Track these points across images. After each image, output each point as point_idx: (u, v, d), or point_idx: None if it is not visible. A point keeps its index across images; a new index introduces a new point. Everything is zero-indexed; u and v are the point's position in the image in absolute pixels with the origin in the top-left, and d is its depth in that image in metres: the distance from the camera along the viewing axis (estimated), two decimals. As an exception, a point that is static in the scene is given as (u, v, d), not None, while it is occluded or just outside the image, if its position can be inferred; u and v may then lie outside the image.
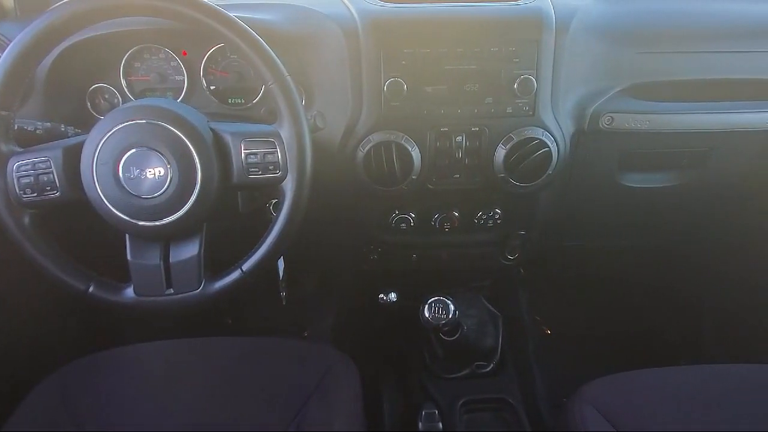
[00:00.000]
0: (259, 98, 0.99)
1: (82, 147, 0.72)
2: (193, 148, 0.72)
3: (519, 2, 0.94)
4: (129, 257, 0.76)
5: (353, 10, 0.92)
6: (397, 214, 1.06)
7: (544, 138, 0.93)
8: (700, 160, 1.08)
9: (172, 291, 0.77)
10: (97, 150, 0.71)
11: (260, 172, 0.75)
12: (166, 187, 0.71)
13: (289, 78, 0.75)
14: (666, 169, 1.12)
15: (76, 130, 0.88)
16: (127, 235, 0.76)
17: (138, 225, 0.73)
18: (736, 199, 1.20)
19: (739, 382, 0.94)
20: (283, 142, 0.75)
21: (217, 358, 0.99)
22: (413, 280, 1.24)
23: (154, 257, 0.76)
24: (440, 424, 1.04)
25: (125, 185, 0.71)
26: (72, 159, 0.73)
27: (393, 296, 1.16)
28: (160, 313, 0.79)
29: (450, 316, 1.01)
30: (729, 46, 1.00)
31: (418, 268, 1.17)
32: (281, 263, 1.02)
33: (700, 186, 1.12)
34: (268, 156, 0.75)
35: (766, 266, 1.41)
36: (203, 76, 0.98)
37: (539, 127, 0.93)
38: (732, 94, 1.00)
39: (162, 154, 0.71)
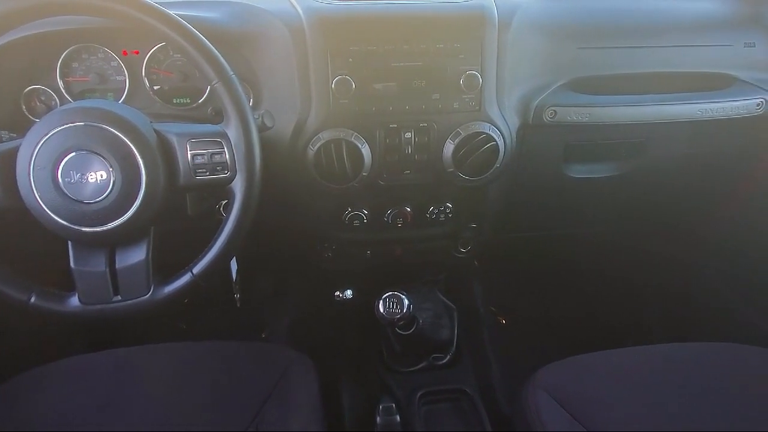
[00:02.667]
0: (205, 98, 0.97)
1: (17, 152, 0.69)
2: (136, 150, 0.70)
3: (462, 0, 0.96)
4: (72, 265, 0.74)
5: (299, 8, 0.92)
6: (350, 211, 1.06)
7: (490, 132, 0.95)
8: (637, 150, 1.13)
9: (119, 298, 0.75)
10: (34, 155, 0.68)
11: (208, 173, 0.74)
12: (108, 191, 0.69)
13: (234, 76, 0.74)
14: (607, 160, 1.16)
15: (11, 134, 0.85)
16: (69, 242, 0.73)
17: (81, 231, 0.71)
18: (670, 186, 1.26)
19: (681, 361, 0.98)
20: (230, 142, 0.74)
21: (171, 364, 0.97)
22: (369, 276, 1.25)
23: (99, 264, 0.74)
24: (398, 417, 1.05)
25: (65, 190, 0.69)
26: (7, 165, 0.70)
27: (349, 293, 1.17)
28: (107, 321, 0.77)
29: (404, 311, 1.02)
30: (662, 42, 1.05)
31: (373, 265, 1.18)
32: (234, 265, 1.01)
33: (638, 175, 1.17)
34: (216, 156, 0.74)
35: (702, 247, 1.49)
36: (145, 76, 0.95)
37: (485, 121, 0.95)
38: (665, 87, 1.04)
39: (103, 157, 0.69)
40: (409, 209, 1.08)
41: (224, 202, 0.96)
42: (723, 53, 1.05)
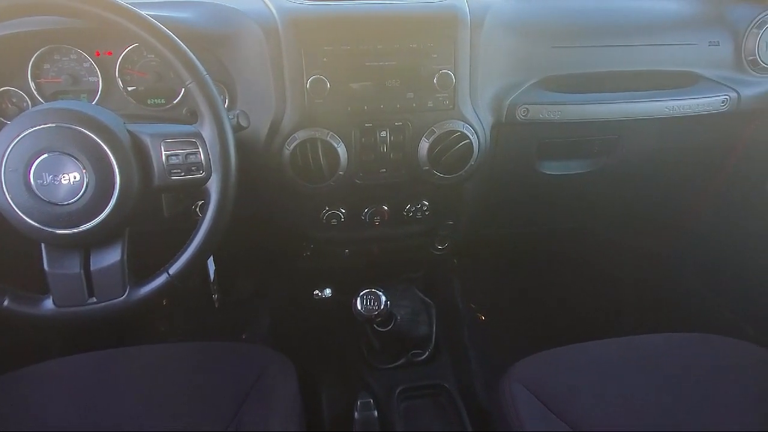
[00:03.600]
0: (180, 98, 0.97)
1: None
2: (110, 151, 0.69)
3: (435, 0, 0.97)
4: (46, 267, 0.73)
5: (272, 8, 0.92)
6: (328, 210, 1.07)
7: (464, 130, 0.96)
8: (610, 147, 1.16)
9: (95, 300, 0.74)
10: (5, 157, 0.68)
11: (183, 174, 0.74)
12: (82, 192, 0.69)
13: (207, 77, 0.74)
14: (581, 157, 1.19)
15: None
16: (42, 245, 0.73)
17: (54, 233, 0.70)
18: (642, 181, 1.29)
19: (654, 351, 1.01)
20: (205, 142, 0.74)
21: (149, 366, 0.97)
22: (347, 274, 1.25)
23: (73, 266, 0.74)
24: (375, 413, 1.06)
25: (38, 192, 0.68)
26: None
27: (328, 292, 1.18)
28: (83, 323, 0.76)
29: (382, 307, 1.03)
30: (631, 41, 1.07)
31: (351, 263, 1.19)
32: (211, 265, 1.01)
33: (612, 170, 1.19)
34: (191, 157, 0.74)
35: (675, 240, 1.53)
36: (119, 76, 0.95)
37: (459, 120, 0.96)
38: (634, 85, 1.07)
39: (76, 159, 0.68)
40: (386, 207, 1.09)
41: (201, 203, 0.95)
42: (688, 52, 1.08)
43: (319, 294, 1.17)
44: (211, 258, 1.00)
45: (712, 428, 0.87)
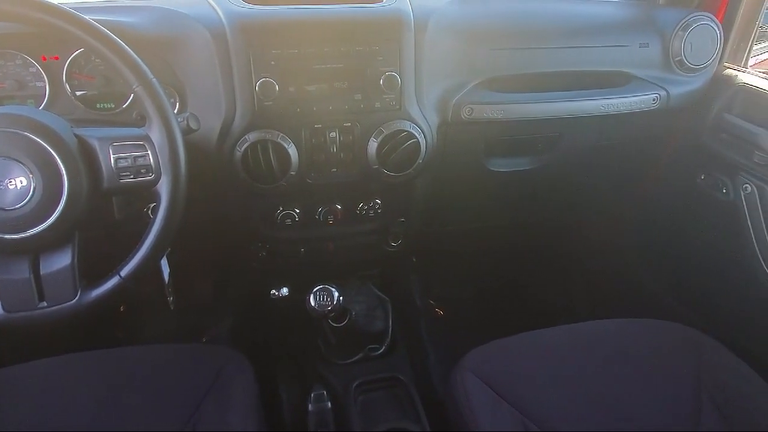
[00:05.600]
0: (130, 102, 0.97)
1: None
2: (57, 155, 0.70)
3: (379, 4, 1.00)
4: None
5: (220, 13, 0.93)
6: (282, 211, 1.08)
7: (411, 130, 0.99)
8: (552, 144, 1.21)
9: (45, 304, 0.74)
10: None
11: (132, 176, 0.74)
12: (29, 197, 0.69)
13: (154, 80, 0.74)
14: (526, 154, 1.24)
15: None
16: None
17: (2, 238, 0.70)
18: (585, 175, 1.36)
19: (600, 336, 1.06)
20: (153, 145, 0.75)
21: (105, 371, 0.97)
22: (304, 273, 1.27)
23: (22, 271, 0.73)
24: (329, 404, 1.08)
25: None
26: None
27: (285, 291, 1.19)
28: (35, 328, 0.76)
29: (335, 303, 1.06)
30: (568, 43, 1.13)
31: (308, 262, 1.21)
32: (166, 267, 1.01)
33: (556, 166, 1.25)
34: (139, 159, 0.74)
35: (619, 231, 1.60)
36: (66, 81, 0.94)
37: (406, 119, 0.99)
38: (572, 85, 1.12)
39: (22, 164, 0.68)
40: (339, 206, 1.11)
41: (152, 205, 0.96)
42: (621, 53, 1.14)
43: (276, 293, 1.19)
44: (165, 260, 1.00)
45: (647, 402, 0.93)
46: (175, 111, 0.96)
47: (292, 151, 0.96)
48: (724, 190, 1.19)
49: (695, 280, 1.36)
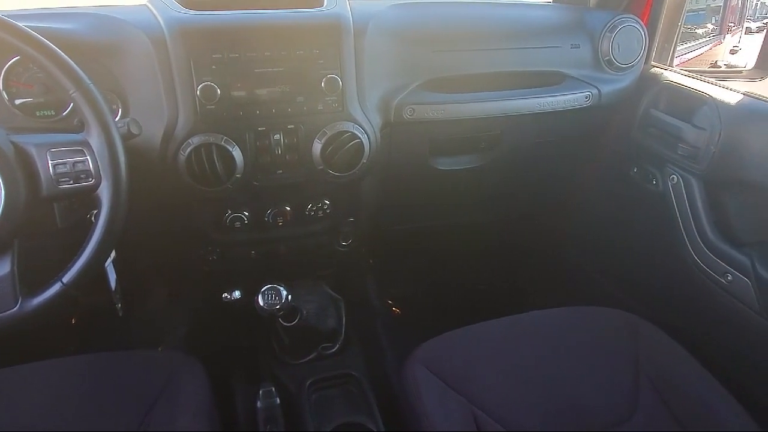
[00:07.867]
0: (70, 109, 0.96)
1: None
2: None
3: (319, 9, 1.02)
4: None
5: (159, 18, 0.94)
6: (231, 214, 1.09)
7: (354, 131, 1.01)
8: (494, 142, 1.26)
9: None
10: None
11: (71, 182, 0.74)
12: None
13: (91, 85, 0.74)
14: (470, 152, 1.28)
15: None
16: None
17: None
18: (526, 171, 1.41)
19: (547, 325, 1.10)
20: (92, 150, 0.75)
21: (53, 380, 0.95)
22: (256, 275, 1.28)
23: None
24: (277, 399, 1.09)
25: None
26: None
27: (237, 294, 1.19)
28: None
29: (283, 302, 1.07)
30: (506, 45, 1.18)
31: (259, 264, 1.21)
32: (112, 273, 1.00)
33: (499, 163, 1.29)
34: (78, 165, 0.74)
35: (563, 225, 1.66)
36: (4, 89, 0.93)
37: (349, 121, 1.02)
38: (509, 84, 1.17)
39: None
40: (288, 208, 1.12)
41: (95, 212, 0.95)
42: (555, 54, 1.20)
43: (228, 296, 1.19)
44: (112, 266, 0.99)
45: (589, 385, 0.98)
46: (118, 117, 0.96)
47: (237, 153, 0.97)
48: (654, 182, 1.26)
49: (634, 267, 1.42)
